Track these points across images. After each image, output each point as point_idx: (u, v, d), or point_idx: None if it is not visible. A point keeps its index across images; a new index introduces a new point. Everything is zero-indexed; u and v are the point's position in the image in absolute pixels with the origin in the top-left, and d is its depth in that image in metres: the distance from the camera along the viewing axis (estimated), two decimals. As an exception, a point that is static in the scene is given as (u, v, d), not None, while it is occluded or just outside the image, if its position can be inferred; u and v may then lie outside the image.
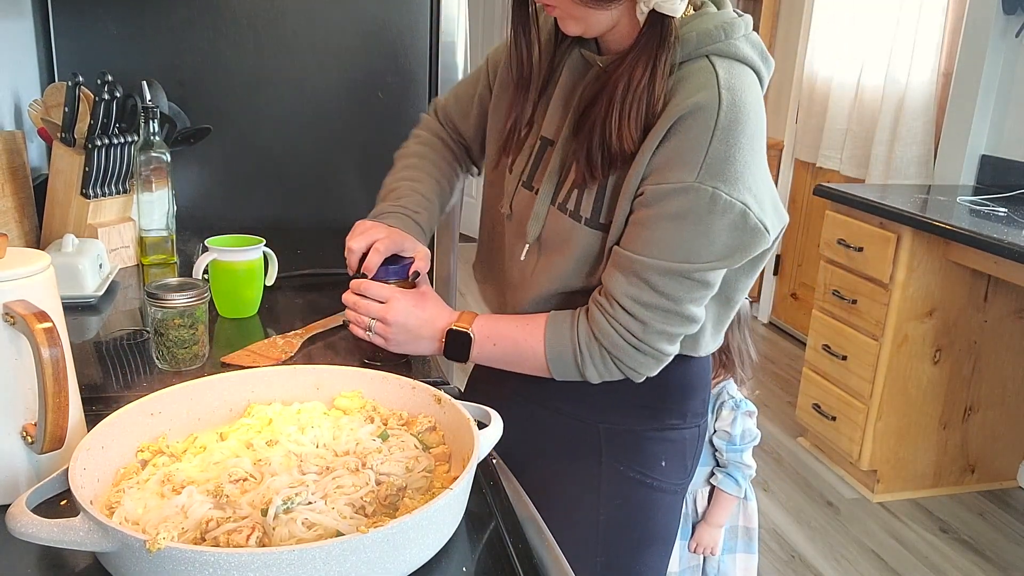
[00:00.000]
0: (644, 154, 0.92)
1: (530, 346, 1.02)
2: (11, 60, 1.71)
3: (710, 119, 0.89)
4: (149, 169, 1.54)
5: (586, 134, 0.96)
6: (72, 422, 0.76)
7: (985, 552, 2.53)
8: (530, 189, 1.06)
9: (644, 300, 0.95)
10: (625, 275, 0.95)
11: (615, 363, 0.99)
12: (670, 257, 0.93)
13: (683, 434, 1.13)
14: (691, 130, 0.89)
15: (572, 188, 1.00)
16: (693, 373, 1.12)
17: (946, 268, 2.59)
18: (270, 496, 0.72)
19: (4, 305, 0.73)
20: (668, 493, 1.13)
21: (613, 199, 0.97)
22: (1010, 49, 2.93)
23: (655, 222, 0.92)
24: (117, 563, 0.66)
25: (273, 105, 1.95)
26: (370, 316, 1.03)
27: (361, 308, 1.04)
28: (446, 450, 0.85)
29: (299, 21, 1.91)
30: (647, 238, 0.93)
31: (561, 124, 1.03)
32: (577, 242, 1.00)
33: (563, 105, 1.03)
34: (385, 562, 0.66)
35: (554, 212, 1.02)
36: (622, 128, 0.92)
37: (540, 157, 1.05)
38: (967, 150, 3.03)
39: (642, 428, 1.11)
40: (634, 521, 1.12)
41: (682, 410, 1.12)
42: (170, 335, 1.10)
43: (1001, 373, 2.78)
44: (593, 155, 0.95)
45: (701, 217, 0.90)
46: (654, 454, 1.11)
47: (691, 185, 0.89)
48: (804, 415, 3.03)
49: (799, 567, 2.42)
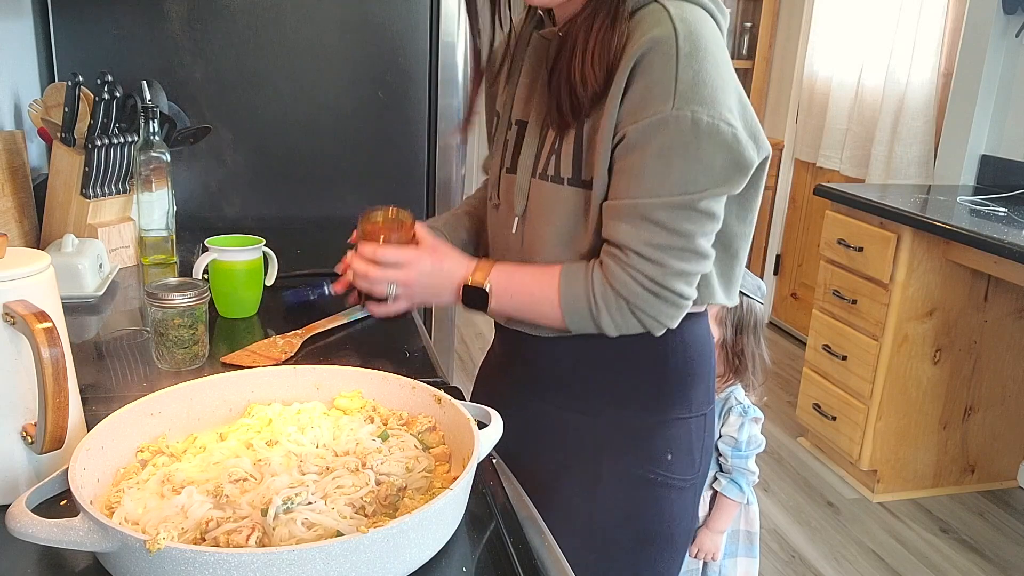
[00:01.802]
0: (613, 100, 0.92)
1: (546, 297, 1.00)
2: (11, 60, 1.71)
3: (670, 49, 0.89)
4: (149, 169, 1.54)
5: (554, 92, 0.97)
6: (72, 422, 0.76)
7: (985, 552, 2.53)
8: (513, 172, 1.07)
9: (657, 242, 0.94)
10: (631, 222, 0.94)
11: (634, 313, 0.97)
12: (670, 192, 0.92)
13: (689, 425, 1.10)
14: (654, 64, 0.89)
15: (550, 154, 1.00)
16: (694, 355, 1.09)
17: (946, 268, 2.59)
18: (270, 496, 0.72)
19: (4, 305, 0.73)
20: (675, 488, 1.11)
21: (591, 152, 0.97)
22: (1010, 49, 2.93)
23: (645, 162, 0.92)
24: (117, 563, 0.66)
25: (273, 105, 1.95)
26: (389, 282, 1.03)
27: (376, 276, 1.03)
28: (446, 450, 0.85)
29: (299, 21, 1.91)
30: (642, 179, 0.92)
31: (531, 101, 1.05)
32: (562, 205, 1.00)
33: (530, 85, 1.06)
34: (385, 562, 0.66)
35: (536, 183, 1.03)
36: (585, 69, 0.92)
37: (519, 141, 1.06)
38: (967, 150, 3.03)
39: (644, 421, 1.08)
40: (639, 518, 1.10)
41: (687, 399, 1.09)
42: (170, 335, 1.10)
43: (1001, 373, 2.78)
44: (562, 103, 0.96)
45: (688, 144, 0.90)
46: (658, 448, 1.09)
47: (669, 114, 0.89)
48: (804, 415, 3.03)
49: (799, 567, 2.42)
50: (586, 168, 0.98)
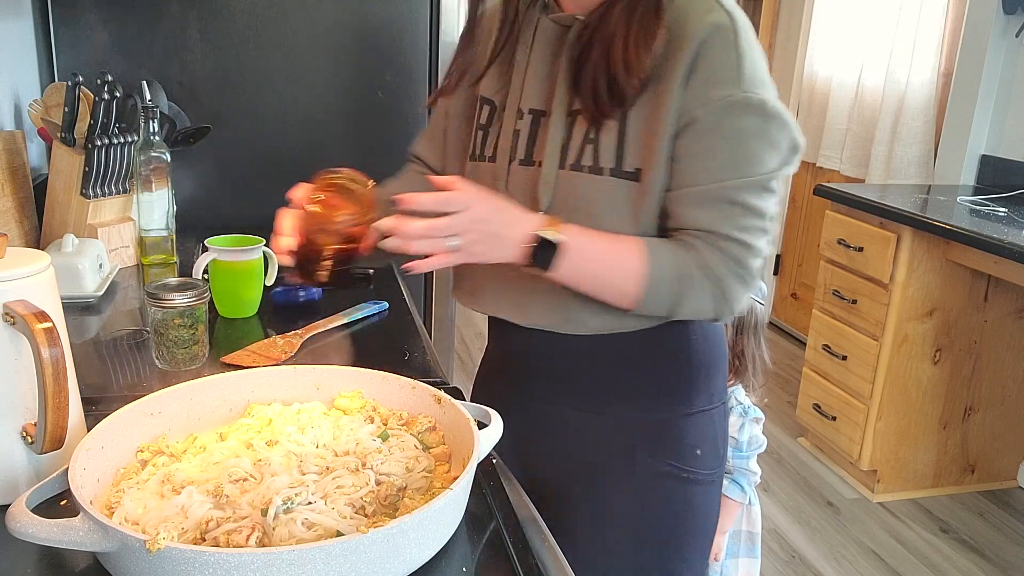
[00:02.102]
0: (673, 85, 0.91)
1: (627, 268, 0.94)
2: (11, 60, 1.71)
3: (729, 34, 0.90)
4: (149, 169, 1.54)
5: (588, 81, 0.93)
6: (72, 422, 0.76)
7: (985, 552, 2.53)
8: (530, 164, 1.01)
9: (745, 224, 0.93)
10: (716, 207, 0.93)
11: (716, 298, 0.95)
12: (751, 172, 0.92)
13: (712, 416, 1.09)
14: (716, 48, 0.90)
15: (584, 145, 0.96)
16: (713, 345, 1.08)
17: (946, 268, 2.59)
18: (270, 496, 0.72)
19: (4, 305, 0.73)
20: (705, 483, 1.09)
21: (643, 143, 0.93)
22: (1010, 49, 2.93)
23: (721, 144, 0.92)
24: (117, 563, 0.66)
25: (273, 105, 1.95)
26: (453, 231, 0.88)
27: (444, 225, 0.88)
28: (446, 450, 0.85)
29: (299, 21, 1.91)
30: (721, 162, 0.92)
31: (551, 90, 1.00)
32: (602, 197, 0.95)
33: (547, 74, 1.01)
34: (385, 562, 0.66)
35: (566, 175, 0.97)
36: (628, 56, 0.90)
37: (535, 131, 1.01)
38: (967, 150, 3.03)
39: (674, 415, 1.06)
40: (673, 518, 1.08)
41: (709, 389, 1.08)
42: (170, 335, 1.10)
43: (1001, 373, 2.78)
44: (600, 93, 0.92)
45: (759, 125, 0.91)
46: (688, 443, 1.07)
47: (740, 97, 0.90)
48: (804, 415, 3.03)
49: (799, 567, 2.42)
50: (631, 158, 0.94)
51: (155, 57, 1.86)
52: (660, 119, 0.92)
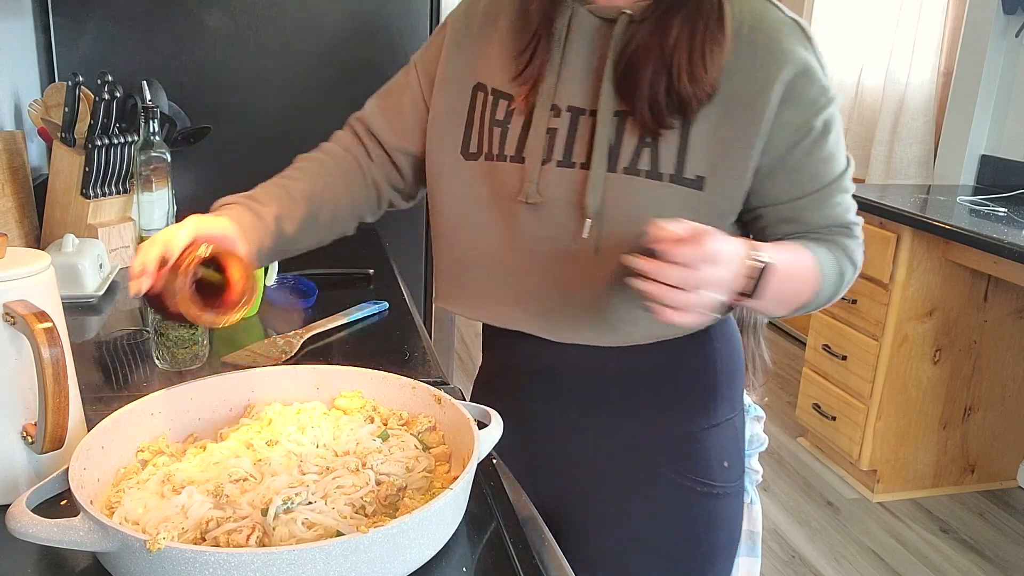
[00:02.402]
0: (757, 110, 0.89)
1: (807, 278, 0.93)
2: (11, 60, 1.71)
3: (805, 35, 0.91)
4: (149, 169, 1.54)
5: (645, 89, 0.88)
6: (72, 422, 0.76)
7: (985, 552, 2.53)
8: (570, 166, 0.93)
9: (853, 204, 0.99)
10: (840, 199, 0.97)
11: (852, 281, 1.00)
12: (843, 159, 0.97)
13: (735, 424, 1.07)
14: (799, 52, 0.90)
15: (640, 148, 0.90)
16: (734, 348, 1.06)
17: (946, 268, 2.59)
18: (270, 496, 0.72)
19: (4, 305, 0.73)
20: (732, 496, 1.06)
21: (710, 151, 0.90)
22: (1010, 49, 2.93)
23: (830, 144, 0.94)
24: (117, 563, 0.66)
25: (273, 105, 1.95)
26: (711, 285, 0.79)
27: (706, 277, 0.78)
28: (446, 450, 0.85)
29: (299, 21, 1.91)
30: (833, 159, 0.95)
31: (594, 88, 0.92)
32: (660, 204, 0.90)
33: (588, 70, 0.93)
34: (385, 562, 0.66)
35: (618, 179, 0.91)
36: (695, 70, 0.86)
37: (574, 130, 0.93)
38: (967, 150, 3.03)
39: (698, 427, 1.02)
40: (700, 537, 1.05)
41: (732, 396, 1.06)
42: (170, 335, 1.10)
43: (1001, 373, 2.78)
44: (659, 105, 0.87)
45: (837, 114, 0.95)
46: (715, 456, 1.03)
47: (833, 108, 0.93)
48: (804, 415, 3.03)
49: (799, 567, 2.42)
50: (694, 164, 0.90)
51: (155, 57, 1.86)
52: (737, 132, 0.89)
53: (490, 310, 1.02)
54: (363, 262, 1.62)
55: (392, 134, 1.06)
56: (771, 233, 0.98)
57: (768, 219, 0.97)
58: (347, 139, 1.09)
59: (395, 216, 1.18)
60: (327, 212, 1.02)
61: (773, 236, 0.98)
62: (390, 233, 1.99)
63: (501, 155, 0.96)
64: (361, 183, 1.06)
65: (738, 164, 0.90)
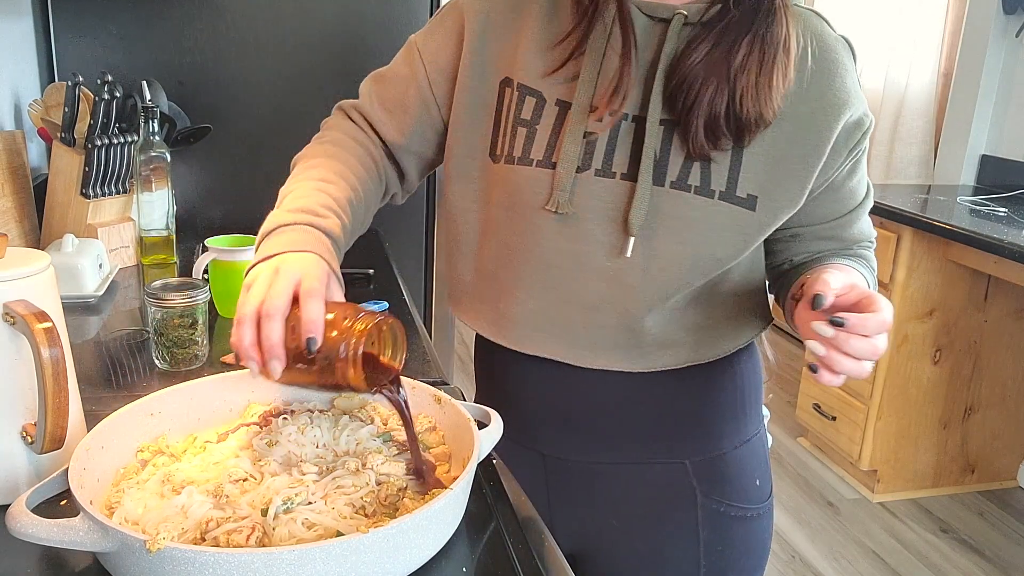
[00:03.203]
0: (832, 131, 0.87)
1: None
2: (11, 60, 1.71)
3: (854, 58, 0.91)
4: (149, 169, 1.54)
5: (702, 105, 0.81)
6: (72, 422, 0.76)
7: (985, 552, 2.53)
8: (609, 176, 0.85)
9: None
10: (867, 214, 0.98)
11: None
12: (866, 175, 0.98)
13: (762, 439, 1.03)
14: (849, 69, 0.89)
15: (689, 162, 0.84)
16: (756, 360, 1.03)
17: (946, 268, 2.59)
18: (270, 496, 0.72)
19: (4, 305, 0.73)
20: (764, 518, 1.02)
21: (765, 170, 0.85)
22: (1010, 49, 2.93)
23: (862, 161, 0.94)
24: (117, 563, 0.66)
25: (273, 105, 1.95)
26: (881, 350, 0.75)
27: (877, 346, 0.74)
28: (446, 450, 0.85)
29: (299, 21, 1.91)
30: (861, 176, 0.95)
31: (643, 94, 0.85)
32: (710, 222, 0.85)
33: (639, 73, 0.85)
34: (385, 562, 0.66)
35: (665, 193, 0.84)
36: (761, 101, 0.81)
37: (614, 136, 0.86)
38: (967, 150, 3.04)
39: (730, 447, 0.99)
40: (735, 563, 1.01)
41: (757, 409, 1.03)
42: (170, 335, 1.10)
43: (1001, 373, 2.78)
44: (718, 128, 0.82)
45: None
46: (747, 476, 1.00)
47: (870, 116, 0.91)
48: (804, 415, 3.03)
49: (799, 567, 2.42)
50: (746, 183, 0.85)
51: (155, 57, 1.86)
52: (796, 153, 0.86)
53: (506, 331, 0.95)
54: (363, 262, 1.62)
55: (397, 133, 0.98)
56: (802, 250, 0.96)
57: (805, 237, 0.95)
58: (354, 131, 0.99)
59: (395, 216, 1.18)
60: (362, 213, 0.92)
61: (804, 253, 0.96)
62: (390, 233, 1.99)
63: (525, 159, 0.87)
64: (377, 178, 0.97)
65: (793, 186, 0.86)
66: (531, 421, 0.99)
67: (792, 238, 0.95)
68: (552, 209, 0.86)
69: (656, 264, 0.86)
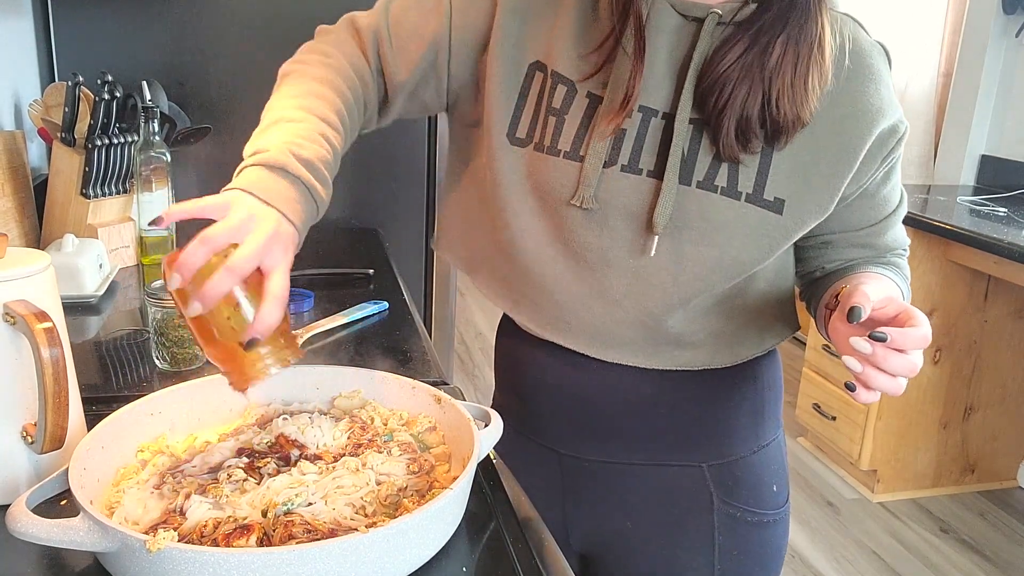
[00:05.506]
0: (867, 139, 0.86)
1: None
2: (11, 60, 1.71)
3: (889, 62, 0.90)
4: (149, 169, 1.54)
5: (735, 107, 0.81)
6: (72, 422, 0.76)
7: (985, 552, 2.53)
8: (635, 172, 0.84)
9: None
10: (900, 221, 0.97)
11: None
12: (900, 181, 0.98)
13: (780, 445, 1.02)
14: (884, 74, 0.88)
15: (717, 163, 0.84)
16: (777, 365, 1.02)
17: (946, 268, 2.59)
18: (270, 496, 0.72)
19: (4, 305, 0.73)
20: (780, 523, 1.01)
21: (793, 174, 0.84)
22: (1010, 49, 2.93)
23: (896, 168, 0.94)
24: (117, 563, 0.66)
25: (273, 105, 1.94)
26: (918, 367, 0.74)
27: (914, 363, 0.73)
28: (446, 450, 0.85)
29: (299, 20, 1.91)
30: (896, 183, 0.95)
31: (673, 91, 0.84)
32: (737, 224, 0.84)
33: (666, 71, 0.84)
34: (385, 562, 0.66)
35: (691, 193, 0.83)
36: (797, 104, 0.80)
37: (643, 133, 0.85)
38: (967, 150, 3.04)
39: (748, 452, 0.98)
40: (753, 569, 1.01)
41: (777, 414, 1.01)
42: (170, 335, 1.10)
43: (1001, 373, 2.78)
44: (752, 131, 0.81)
45: None
46: (764, 481, 0.99)
47: (905, 122, 0.91)
48: (804, 415, 3.03)
49: (799, 567, 2.42)
50: (774, 186, 0.84)
51: (155, 57, 1.86)
52: (828, 159, 0.85)
53: (526, 312, 0.96)
54: (363, 262, 1.62)
55: (404, 70, 0.92)
56: (835, 258, 0.95)
57: (838, 244, 0.94)
58: (356, 56, 0.97)
59: (395, 216, 1.17)
60: (339, 158, 0.88)
61: (837, 260, 0.95)
62: (390, 233, 1.99)
63: (553, 148, 0.86)
64: (361, 113, 0.94)
65: (823, 191, 0.85)
66: (548, 416, 0.99)
67: (824, 245, 0.94)
68: (577, 203, 0.85)
69: (679, 264, 0.86)
